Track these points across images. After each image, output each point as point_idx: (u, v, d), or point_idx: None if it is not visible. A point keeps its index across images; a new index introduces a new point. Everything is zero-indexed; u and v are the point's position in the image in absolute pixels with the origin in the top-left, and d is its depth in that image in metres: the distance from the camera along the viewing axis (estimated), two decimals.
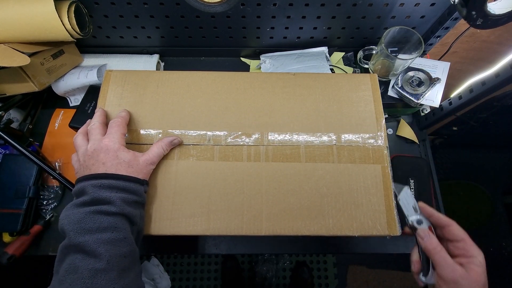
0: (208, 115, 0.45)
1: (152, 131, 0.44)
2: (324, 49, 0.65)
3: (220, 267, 1.26)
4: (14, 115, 0.61)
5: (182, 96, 0.46)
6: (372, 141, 0.44)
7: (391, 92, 0.62)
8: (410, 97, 0.58)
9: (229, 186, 0.41)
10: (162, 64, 0.68)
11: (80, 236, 0.31)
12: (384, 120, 0.45)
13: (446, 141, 1.39)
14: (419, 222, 0.36)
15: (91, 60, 0.64)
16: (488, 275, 0.32)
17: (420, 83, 0.59)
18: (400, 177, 0.53)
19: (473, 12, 0.40)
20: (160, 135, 0.43)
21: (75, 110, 0.56)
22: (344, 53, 0.67)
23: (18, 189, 0.54)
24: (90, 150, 0.37)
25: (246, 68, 0.69)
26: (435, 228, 0.36)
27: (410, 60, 0.56)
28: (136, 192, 0.36)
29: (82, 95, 0.60)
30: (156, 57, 0.65)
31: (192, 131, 0.44)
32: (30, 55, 0.50)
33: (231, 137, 0.44)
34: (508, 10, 0.39)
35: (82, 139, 0.39)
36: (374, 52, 0.60)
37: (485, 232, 1.32)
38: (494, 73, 0.47)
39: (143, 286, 0.33)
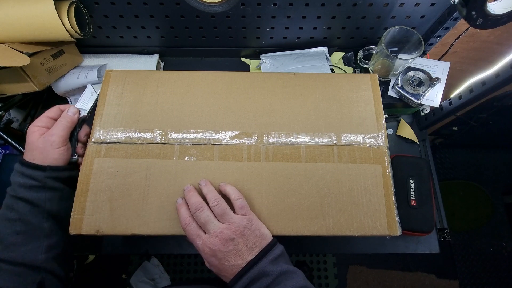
0: (208, 115, 0.45)
1: (152, 131, 0.44)
2: (324, 49, 0.65)
3: None
4: (14, 115, 0.61)
5: (182, 96, 0.46)
6: (372, 141, 0.44)
7: (391, 92, 0.62)
8: (410, 97, 0.58)
9: None
10: (162, 64, 0.68)
11: None
12: (384, 120, 0.45)
13: (446, 141, 1.39)
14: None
15: (91, 60, 0.64)
16: (488, 275, 0.33)
17: (420, 83, 0.59)
18: (400, 177, 0.53)
19: (473, 12, 0.40)
20: (159, 136, 0.43)
21: None
22: (344, 53, 0.67)
23: None
24: None
25: (246, 68, 0.69)
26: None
27: (410, 60, 0.56)
28: (34, 177, 0.38)
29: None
30: (156, 57, 0.65)
31: (192, 131, 0.44)
32: (30, 55, 0.50)
33: (231, 137, 0.44)
34: (508, 10, 0.39)
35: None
36: (374, 52, 0.60)
37: (485, 232, 1.32)
38: (494, 73, 0.47)
39: (38, 260, 0.37)
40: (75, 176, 0.41)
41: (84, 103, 0.45)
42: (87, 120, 0.45)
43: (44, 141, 0.39)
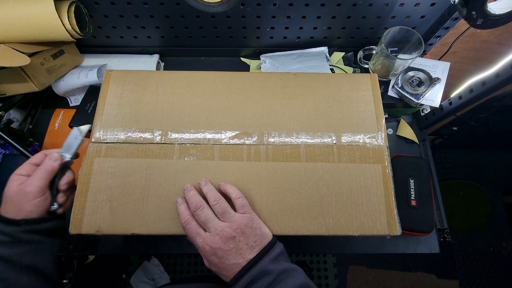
0: (208, 115, 0.45)
1: (152, 131, 0.44)
2: (324, 49, 0.65)
3: None
4: (14, 115, 0.61)
5: (182, 96, 0.46)
6: (372, 141, 0.44)
7: (391, 92, 0.62)
8: (410, 97, 0.58)
9: None
10: (162, 64, 0.68)
11: None
12: (384, 120, 0.45)
13: (446, 141, 1.39)
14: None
15: (91, 60, 0.64)
16: (488, 275, 0.33)
17: (420, 83, 0.59)
18: (400, 177, 0.53)
19: (473, 12, 0.40)
20: (159, 135, 0.43)
21: (75, 110, 0.56)
22: (344, 53, 0.67)
23: None
24: None
25: (246, 68, 0.69)
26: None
27: (410, 60, 0.56)
28: (7, 233, 0.36)
29: (82, 95, 0.60)
30: (156, 57, 0.65)
31: (192, 131, 0.44)
32: (30, 55, 0.50)
33: (231, 136, 0.44)
34: (508, 10, 0.39)
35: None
36: (374, 52, 0.60)
37: (485, 232, 1.32)
38: (494, 73, 0.47)
39: None
40: (54, 227, 0.39)
41: (67, 148, 0.42)
42: (70, 163, 0.42)
43: (18, 193, 0.36)
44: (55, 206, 0.39)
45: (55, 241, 0.40)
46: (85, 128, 0.43)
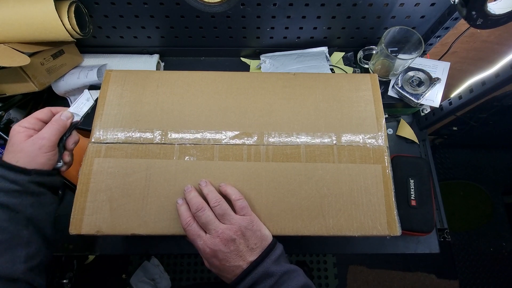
0: (208, 115, 0.45)
1: (152, 131, 0.44)
2: (324, 49, 0.65)
3: None
4: (14, 115, 0.61)
5: (182, 96, 0.46)
6: (372, 141, 0.44)
7: (391, 92, 0.62)
8: (410, 97, 0.58)
9: None
10: (162, 64, 0.68)
11: None
12: (384, 120, 0.45)
13: (446, 141, 1.39)
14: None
15: (91, 60, 0.64)
16: (488, 275, 0.33)
17: (420, 83, 0.59)
18: (400, 177, 0.53)
19: (473, 12, 0.40)
20: (159, 136, 0.43)
21: None
22: (344, 53, 0.67)
23: None
24: None
25: (246, 68, 0.69)
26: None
27: (410, 60, 0.56)
28: (17, 181, 0.35)
29: None
30: (156, 57, 0.65)
31: (192, 131, 0.44)
32: (30, 55, 0.50)
33: (231, 136, 0.44)
34: (508, 10, 0.39)
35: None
36: (374, 52, 0.60)
37: (485, 232, 1.32)
38: (494, 73, 0.47)
39: (16, 271, 0.34)
40: (58, 182, 0.40)
41: (78, 108, 0.43)
42: (79, 125, 0.43)
43: (32, 143, 0.36)
44: (61, 163, 0.40)
45: (55, 199, 0.40)
46: (96, 93, 0.45)
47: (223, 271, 0.36)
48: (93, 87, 0.59)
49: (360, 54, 0.62)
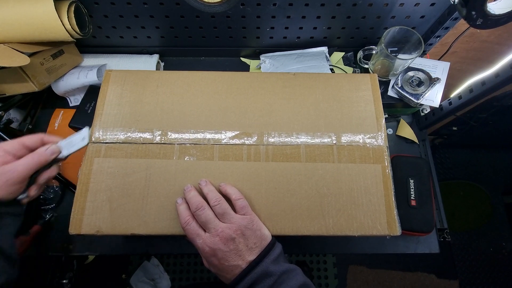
0: (208, 115, 0.45)
1: (152, 131, 0.44)
2: (324, 49, 0.65)
3: None
4: (14, 115, 0.61)
5: (182, 96, 0.46)
6: (372, 141, 0.44)
7: (391, 92, 0.62)
8: (410, 97, 0.58)
9: None
10: (162, 64, 0.68)
11: None
12: (384, 120, 0.45)
13: (446, 141, 1.39)
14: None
15: (91, 60, 0.64)
16: (488, 275, 0.33)
17: (420, 83, 0.59)
18: (400, 177, 0.53)
19: (473, 12, 0.40)
20: (159, 135, 0.43)
21: (75, 110, 0.56)
22: (344, 53, 0.67)
23: None
24: None
25: (246, 68, 0.69)
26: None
27: (410, 60, 0.56)
28: None
29: (82, 95, 0.60)
30: (156, 57, 0.65)
31: (192, 131, 0.44)
32: (30, 55, 0.50)
33: (231, 136, 0.44)
34: (508, 10, 0.39)
35: None
36: (374, 52, 0.60)
37: (485, 232, 1.32)
38: (494, 73, 0.47)
39: None
40: (18, 211, 0.37)
41: (70, 145, 0.40)
42: (62, 160, 0.40)
43: (1, 173, 0.34)
44: (24, 195, 0.37)
45: (19, 213, 0.37)
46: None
47: (222, 271, 0.36)
48: (93, 87, 0.59)
49: (360, 54, 0.62)
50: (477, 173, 1.40)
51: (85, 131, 0.41)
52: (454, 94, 0.56)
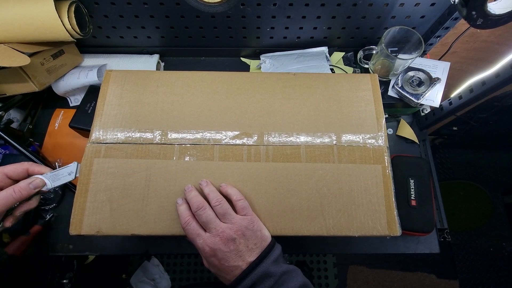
0: (208, 115, 0.45)
1: (152, 131, 0.44)
2: (324, 49, 0.65)
3: None
4: (14, 115, 0.61)
5: (182, 96, 0.46)
6: (372, 141, 0.44)
7: (391, 92, 0.62)
8: (410, 97, 0.58)
9: None
10: (162, 64, 0.68)
11: None
12: (384, 120, 0.45)
13: (446, 141, 1.39)
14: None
15: (91, 60, 0.64)
16: (488, 275, 0.33)
17: (420, 83, 0.59)
18: (400, 177, 0.53)
19: (473, 12, 0.40)
20: (159, 136, 0.43)
21: (75, 110, 0.56)
22: (344, 53, 0.67)
23: None
24: None
25: (246, 68, 0.69)
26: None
27: (410, 60, 0.56)
28: None
29: (82, 95, 0.60)
30: (156, 57, 0.65)
31: (192, 131, 0.44)
32: (30, 55, 0.50)
33: (231, 137, 0.44)
34: (508, 10, 0.39)
35: None
36: (374, 52, 0.60)
37: (485, 232, 1.32)
38: (494, 73, 0.47)
39: None
40: None
41: (56, 177, 0.39)
42: (43, 193, 0.39)
43: None
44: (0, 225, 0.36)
45: None
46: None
47: (222, 271, 0.36)
48: (93, 87, 0.59)
49: (360, 54, 0.62)
50: (477, 173, 1.40)
51: (73, 165, 0.40)
52: (454, 94, 0.56)
